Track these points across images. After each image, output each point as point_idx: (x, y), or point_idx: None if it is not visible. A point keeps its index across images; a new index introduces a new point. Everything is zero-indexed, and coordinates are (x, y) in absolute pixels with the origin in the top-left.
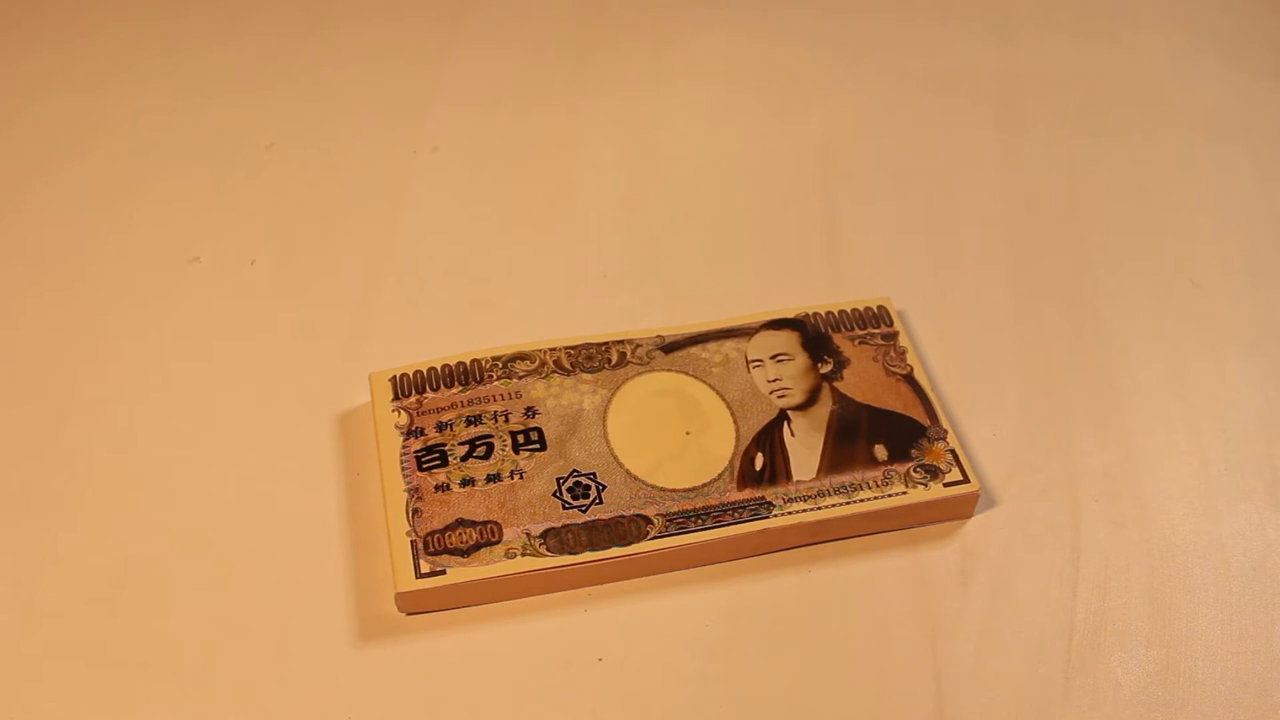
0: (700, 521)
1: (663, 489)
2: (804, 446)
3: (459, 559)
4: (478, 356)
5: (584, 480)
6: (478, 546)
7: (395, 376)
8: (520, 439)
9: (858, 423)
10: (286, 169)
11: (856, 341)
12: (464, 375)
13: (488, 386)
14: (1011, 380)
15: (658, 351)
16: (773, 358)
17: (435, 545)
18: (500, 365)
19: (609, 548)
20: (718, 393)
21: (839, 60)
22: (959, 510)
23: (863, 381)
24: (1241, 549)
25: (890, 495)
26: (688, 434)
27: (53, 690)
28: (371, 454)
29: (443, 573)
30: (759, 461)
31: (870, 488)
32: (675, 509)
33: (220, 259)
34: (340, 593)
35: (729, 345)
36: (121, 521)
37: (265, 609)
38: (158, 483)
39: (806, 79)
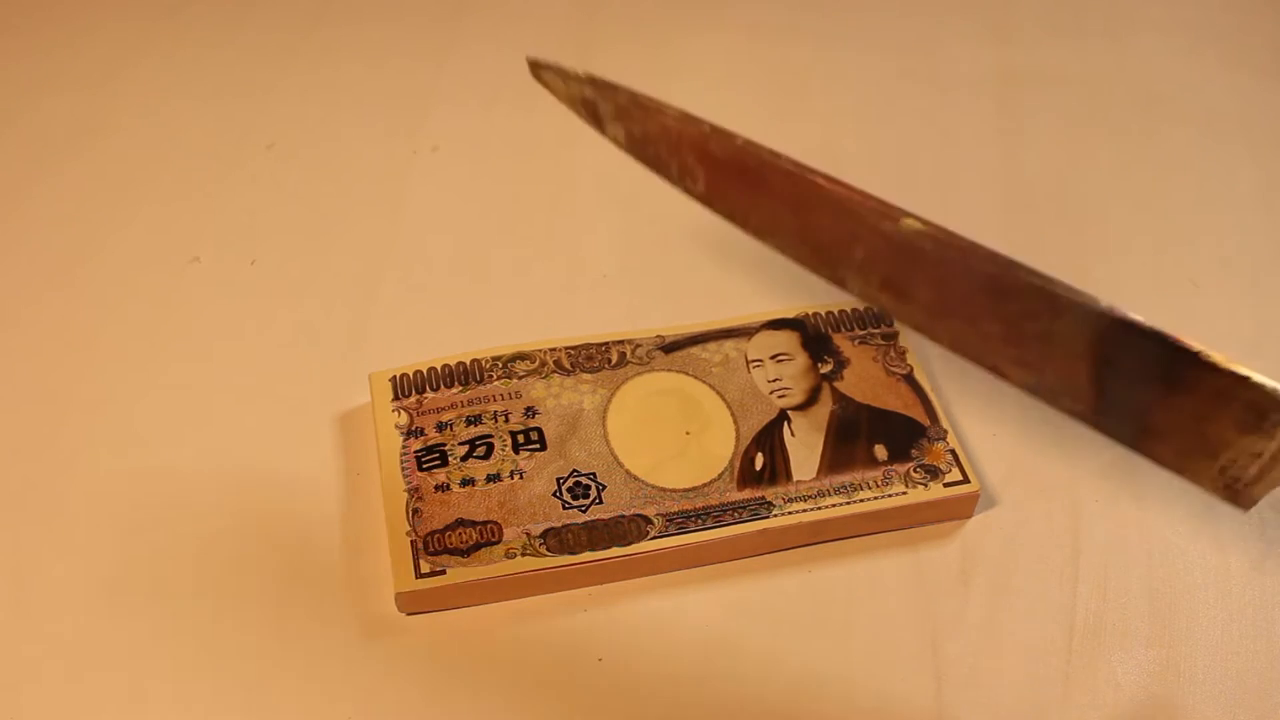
0: (700, 521)
1: (663, 489)
2: (804, 446)
3: (459, 559)
4: (478, 356)
5: (584, 480)
6: (477, 546)
7: (395, 376)
8: (520, 439)
9: (858, 423)
10: (286, 169)
11: (857, 341)
12: (464, 375)
13: (487, 386)
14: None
15: (658, 351)
16: (773, 357)
17: (435, 545)
18: (500, 365)
19: (609, 547)
20: (718, 393)
21: (839, 60)
22: (959, 510)
23: (863, 381)
24: (1241, 549)
25: (890, 495)
26: (688, 434)
27: (53, 690)
28: (371, 454)
29: (443, 573)
30: (759, 461)
31: (870, 488)
32: (675, 509)
33: (220, 259)
34: (340, 592)
35: (729, 345)
36: (121, 521)
37: (265, 609)
38: (157, 483)
39: (807, 78)
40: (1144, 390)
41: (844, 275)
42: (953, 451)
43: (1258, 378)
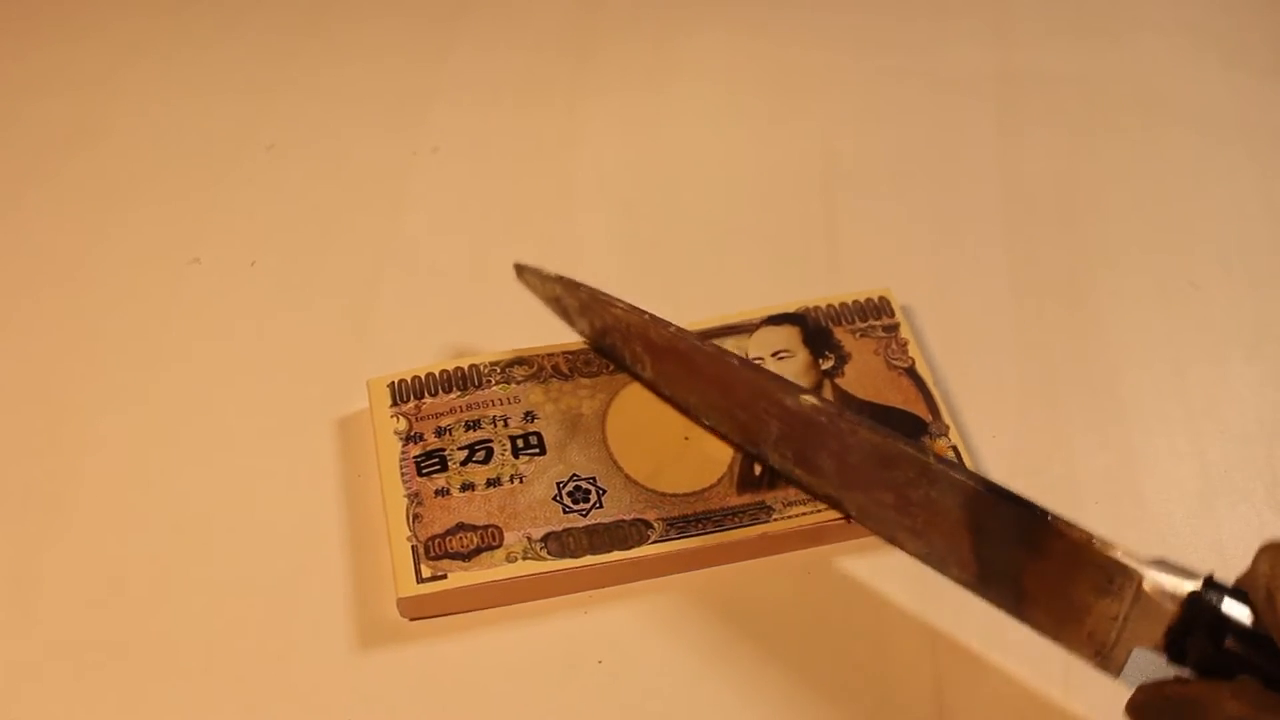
0: (700, 526)
1: (662, 493)
2: None
3: (460, 563)
4: (475, 362)
5: (584, 485)
6: (478, 551)
7: (393, 382)
8: (520, 443)
9: None
10: (286, 169)
11: (858, 335)
12: (462, 380)
13: (486, 391)
14: (1011, 383)
15: None
16: (773, 355)
17: (436, 550)
18: (499, 370)
19: (609, 551)
20: None
21: (840, 60)
22: None
23: (863, 377)
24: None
25: None
26: (686, 439)
27: (53, 690)
28: (371, 459)
29: (444, 577)
30: (759, 466)
31: None
32: (675, 513)
33: (220, 259)
34: (341, 598)
35: (729, 344)
36: (120, 525)
37: (266, 615)
38: (158, 486)
39: (807, 78)
40: (1014, 555)
41: (766, 452)
42: (954, 448)
43: (1102, 543)
